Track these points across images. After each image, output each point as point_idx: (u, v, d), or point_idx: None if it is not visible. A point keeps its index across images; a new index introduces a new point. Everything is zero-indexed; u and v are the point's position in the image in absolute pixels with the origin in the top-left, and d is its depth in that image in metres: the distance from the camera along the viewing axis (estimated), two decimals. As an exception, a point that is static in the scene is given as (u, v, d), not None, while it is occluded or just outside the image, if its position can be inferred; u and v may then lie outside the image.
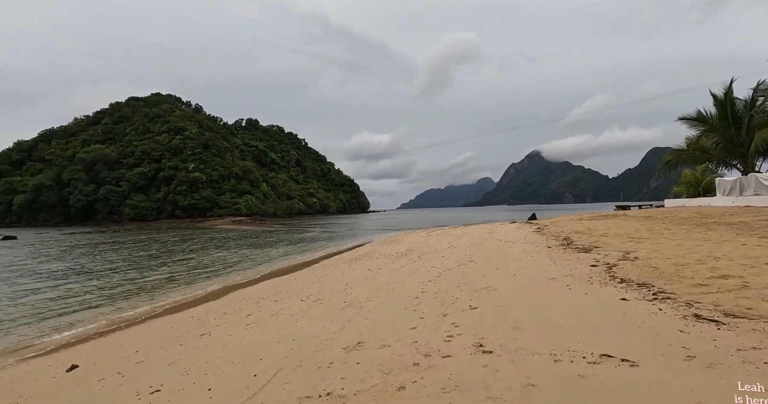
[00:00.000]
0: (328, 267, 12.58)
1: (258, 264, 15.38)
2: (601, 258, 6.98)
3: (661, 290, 4.36)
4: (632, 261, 6.21)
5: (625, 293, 4.46)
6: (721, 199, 17.60)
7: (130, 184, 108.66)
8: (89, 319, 8.18)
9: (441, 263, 9.76)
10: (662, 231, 9.76)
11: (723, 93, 21.00)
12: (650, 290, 4.40)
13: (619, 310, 3.91)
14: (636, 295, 4.29)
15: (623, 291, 4.53)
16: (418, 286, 7.04)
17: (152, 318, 7.49)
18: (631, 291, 4.47)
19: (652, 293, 4.25)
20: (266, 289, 9.21)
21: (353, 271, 10.84)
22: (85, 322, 7.94)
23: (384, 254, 14.41)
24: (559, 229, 14.64)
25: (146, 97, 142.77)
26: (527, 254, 9.21)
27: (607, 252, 7.59)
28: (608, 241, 9.34)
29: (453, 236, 19.00)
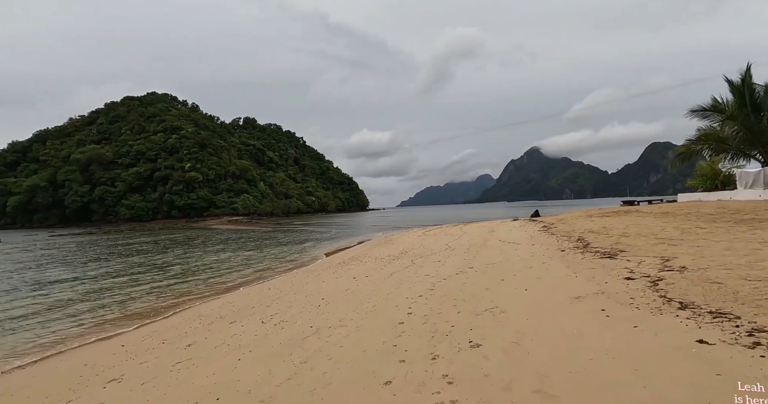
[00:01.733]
0: (311, 274, 11.19)
1: (235, 270, 13.97)
2: (635, 267, 5.56)
3: (753, 323, 2.94)
4: (680, 273, 4.79)
5: (697, 328, 3.04)
6: (744, 192, 16.16)
7: (125, 184, 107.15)
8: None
9: (436, 270, 8.35)
10: (695, 230, 8.33)
11: (740, 79, 19.51)
12: (737, 323, 2.98)
13: (706, 364, 2.50)
14: (719, 334, 2.87)
15: (694, 325, 3.11)
16: (406, 303, 5.63)
17: (62, 352, 5.80)
18: (708, 325, 3.05)
19: (745, 330, 2.83)
20: (230, 304, 7.81)
21: (336, 279, 9.44)
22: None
23: (375, 258, 13.01)
24: (568, 227, 13.22)
25: (142, 96, 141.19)
26: (537, 259, 7.80)
27: (639, 259, 6.17)
28: (633, 243, 7.92)
29: (451, 235, 17.59)
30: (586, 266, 6.35)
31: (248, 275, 12.50)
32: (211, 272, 13.71)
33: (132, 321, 7.28)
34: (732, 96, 20.05)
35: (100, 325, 6.89)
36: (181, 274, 13.34)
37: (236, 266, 15.22)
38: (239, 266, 15.20)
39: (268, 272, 13.08)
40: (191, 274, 13.27)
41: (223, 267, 14.79)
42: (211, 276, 12.73)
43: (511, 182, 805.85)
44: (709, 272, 4.64)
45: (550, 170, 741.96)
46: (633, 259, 6.21)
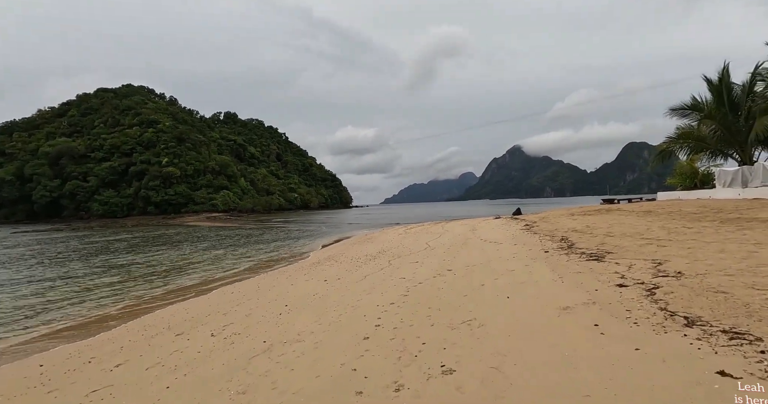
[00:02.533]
0: (281, 275, 10.45)
1: (203, 270, 13.07)
2: (625, 272, 5.08)
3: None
4: (677, 279, 4.31)
5: (713, 353, 2.51)
6: (723, 191, 16.17)
7: (98, 179, 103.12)
8: None
9: (413, 272, 7.76)
10: (682, 230, 7.98)
11: (718, 78, 19.60)
12: (761, 347, 2.47)
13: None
14: (742, 362, 2.35)
15: (708, 349, 2.58)
16: (376, 312, 5.02)
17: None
18: (725, 350, 2.53)
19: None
20: (186, 311, 7.04)
21: (306, 282, 8.76)
22: None
23: (351, 258, 12.37)
24: (551, 226, 12.86)
25: (116, 88, 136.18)
26: (520, 261, 7.29)
27: (629, 261, 5.70)
28: (619, 243, 7.50)
29: (432, 234, 17.09)
30: (572, 269, 5.86)
31: (214, 277, 11.65)
32: (175, 273, 12.79)
33: (69, 334, 6.43)
34: (711, 95, 20.16)
35: (26, 342, 6.01)
36: (144, 276, 12.39)
37: (204, 266, 14.31)
38: (207, 266, 14.31)
39: (237, 273, 12.25)
40: (154, 276, 12.32)
41: (190, 268, 13.86)
42: (174, 278, 11.82)
43: (493, 180, 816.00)
44: (710, 278, 4.17)
45: (532, 168, 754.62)
46: (622, 262, 5.75)
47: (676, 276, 4.43)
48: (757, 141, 18.00)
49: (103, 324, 6.86)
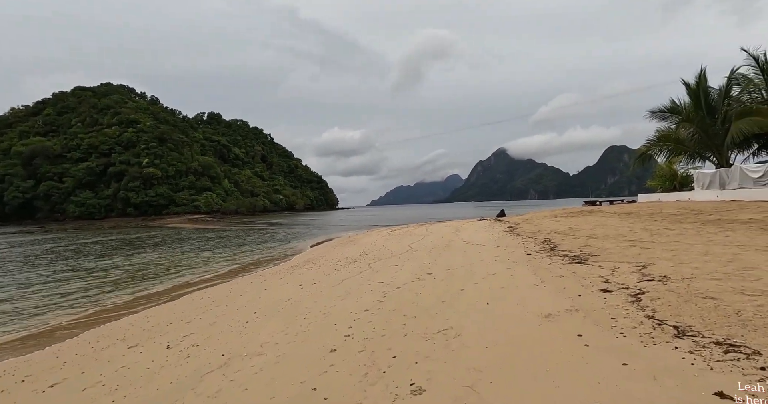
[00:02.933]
0: (256, 279, 9.99)
1: (176, 275, 12.48)
2: (609, 276, 4.85)
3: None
4: (663, 283, 4.09)
5: (708, 369, 2.25)
6: (702, 193, 16.36)
7: (74, 180, 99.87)
8: None
9: (392, 276, 7.44)
10: (665, 232, 7.87)
11: (695, 82, 19.94)
12: (759, 363, 2.22)
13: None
14: (741, 379, 2.09)
15: (702, 364, 2.33)
16: (347, 320, 4.68)
17: None
18: (721, 365, 2.27)
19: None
20: (146, 319, 6.55)
21: (281, 286, 8.35)
22: None
23: (331, 260, 11.98)
24: (534, 228, 12.72)
25: (95, 87, 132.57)
26: (502, 264, 7.05)
27: (612, 264, 5.50)
28: (602, 246, 7.33)
29: (415, 236, 16.82)
30: (554, 272, 5.62)
31: (188, 282, 11.09)
32: (147, 278, 12.17)
33: (14, 346, 5.87)
34: (689, 99, 20.50)
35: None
36: (113, 282, 11.73)
37: (180, 270, 13.71)
38: (183, 270, 13.70)
39: (212, 277, 11.71)
40: (125, 281, 11.68)
41: (164, 272, 13.24)
42: (146, 284, 11.22)
43: (479, 182, 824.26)
44: (697, 283, 3.96)
45: (516, 171, 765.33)
46: (606, 265, 5.54)
47: (662, 280, 4.21)
48: (733, 144, 18.34)
49: (54, 335, 6.32)
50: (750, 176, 14.11)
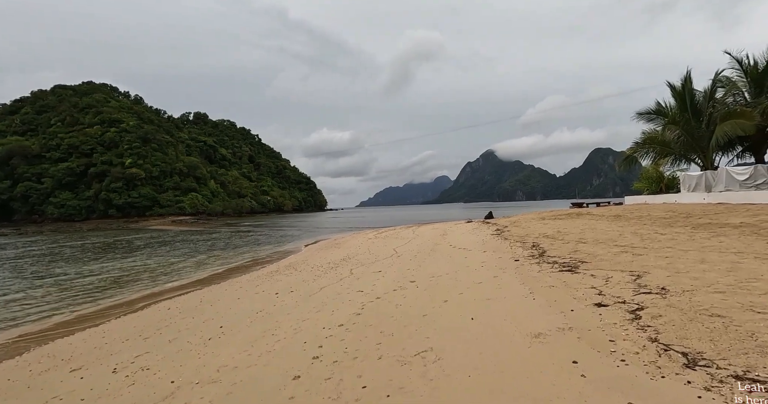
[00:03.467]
0: (231, 287, 9.45)
1: (150, 281, 11.81)
2: (603, 286, 4.50)
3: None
4: (662, 297, 3.74)
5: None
6: (688, 195, 16.33)
7: (54, 180, 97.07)
8: None
9: (373, 285, 7.01)
10: (656, 237, 7.60)
11: (681, 84, 20.01)
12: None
13: None
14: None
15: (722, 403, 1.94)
16: (319, 338, 4.23)
17: None
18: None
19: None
20: (101, 335, 5.98)
21: (255, 295, 7.84)
22: None
23: (313, 265, 11.50)
24: (522, 231, 12.43)
25: (76, 85, 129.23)
26: (489, 271, 6.67)
27: (605, 273, 5.16)
28: (593, 251, 7.01)
29: (402, 239, 16.42)
30: (544, 282, 5.26)
31: (161, 289, 10.47)
32: (118, 286, 11.49)
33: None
34: (674, 101, 20.57)
35: None
36: (80, 290, 11.03)
37: (155, 276, 13.04)
38: (158, 276, 13.05)
39: (186, 285, 11.11)
40: (90, 290, 10.99)
41: (138, 279, 12.57)
42: (115, 292, 10.56)
43: (467, 183, 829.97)
44: (699, 296, 3.62)
45: (504, 172, 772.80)
46: (598, 274, 5.19)
47: (660, 293, 3.87)
48: (717, 146, 18.40)
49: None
50: (736, 178, 14.08)
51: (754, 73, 18.95)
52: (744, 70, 19.16)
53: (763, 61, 18.67)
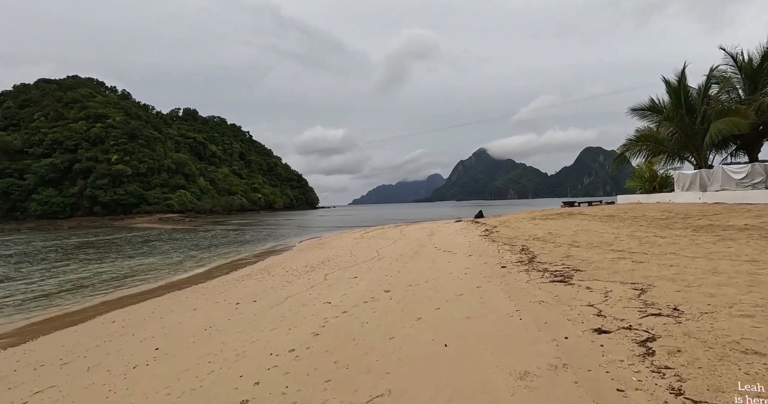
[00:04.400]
0: (192, 294, 8.61)
1: (111, 288, 10.89)
2: (602, 304, 3.78)
3: None
4: (676, 321, 3.03)
5: None
6: (683, 195, 15.80)
7: (37, 177, 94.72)
8: None
9: (344, 294, 6.26)
10: (655, 240, 6.94)
11: (676, 80, 19.50)
12: None
13: None
14: None
15: None
16: (260, 369, 3.47)
17: None
18: None
19: None
20: (13, 358, 5.14)
21: (215, 304, 7.04)
22: None
23: (288, 269, 10.72)
24: (511, 232, 11.75)
25: (60, 79, 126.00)
26: (472, 279, 5.95)
27: (603, 285, 4.45)
28: (587, 257, 6.32)
29: (387, 239, 15.69)
30: (532, 295, 4.54)
31: (115, 297, 9.55)
32: (73, 292, 10.58)
33: None
34: (669, 97, 20.07)
35: None
36: (31, 297, 10.10)
37: (116, 281, 12.10)
38: (120, 281, 12.13)
39: (147, 291, 10.22)
40: (41, 297, 10.04)
41: (97, 284, 11.63)
42: (64, 300, 9.61)
43: (459, 181, 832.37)
44: (722, 321, 2.92)
45: (496, 170, 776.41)
46: (595, 285, 4.49)
47: (673, 316, 3.16)
48: (711, 144, 17.94)
49: None
50: (732, 177, 13.56)
51: (749, 69, 18.51)
52: (738, 66, 18.71)
53: (758, 58, 18.25)
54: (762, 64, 18.02)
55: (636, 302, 3.68)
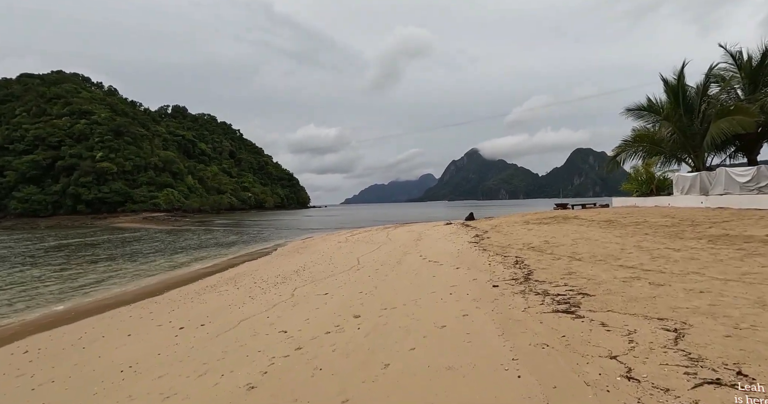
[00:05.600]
0: (136, 311, 7.50)
1: (51, 300, 9.72)
2: (629, 356, 2.80)
3: None
4: (747, 394, 2.05)
5: None
6: (683, 198, 15.02)
7: (17, 174, 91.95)
8: None
9: (305, 318, 5.24)
10: (667, 253, 6.01)
11: (675, 78, 18.77)
12: None
13: None
14: None
15: None
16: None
17: None
18: None
19: None
20: None
21: (156, 328, 5.96)
22: None
23: (258, 279, 9.65)
24: (503, 239, 10.80)
25: (44, 74, 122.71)
26: (458, 302, 4.95)
27: (622, 320, 3.48)
28: (593, 274, 5.37)
29: (372, 244, 14.67)
30: (532, 332, 3.56)
31: (40, 315, 8.34)
32: (7, 305, 9.40)
33: None
34: (666, 97, 19.35)
35: None
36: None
37: (65, 290, 10.91)
38: (67, 289, 10.95)
39: (88, 304, 9.06)
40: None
41: (42, 294, 10.42)
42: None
43: (452, 181, 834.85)
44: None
45: (488, 171, 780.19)
46: (612, 322, 3.51)
47: (739, 387, 2.18)
48: (712, 145, 17.21)
49: None
50: (737, 180, 12.78)
51: (748, 68, 17.86)
52: (738, 65, 18.04)
53: (758, 56, 17.60)
54: (762, 63, 17.37)
55: (675, 354, 2.70)
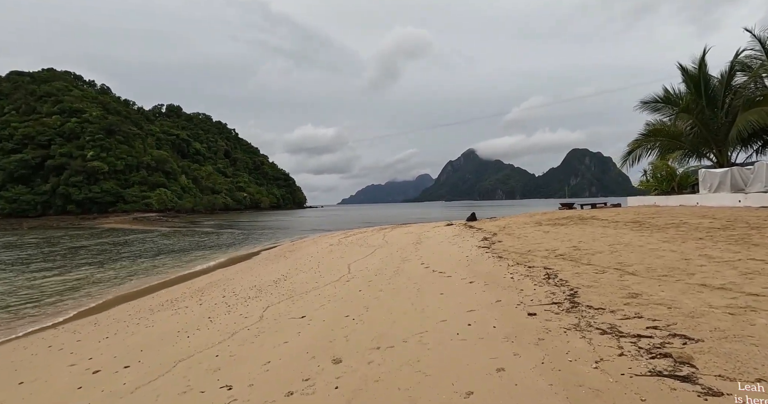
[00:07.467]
0: (67, 335, 5.95)
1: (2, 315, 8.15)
2: None
3: None
4: None
5: None
6: (713, 197, 13.53)
7: (5, 173, 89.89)
8: None
9: (266, 361, 3.67)
10: (756, 266, 4.47)
11: (695, 67, 17.31)
12: None
13: None
14: None
15: None
16: None
17: None
18: None
19: None
20: None
21: (69, 368, 4.40)
22: None
23: (229, 292, 8.09)
24: (518, 243, 9.26)
25: (35, 72, 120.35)
26: (484, 344, 3.40)
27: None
28: (670, 298, 3.83)
29: (367, 247, 13.12)
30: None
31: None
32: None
33: None
34: (686, 87, 17.90)
35: None
36: None
37: (17, 305, 9.34)
38: (22, 304, 9.37)
39: (30, 328, 7.51)
40: None
41: None
42: None
43: (448, 182, 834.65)
44: None
45: (485, 171, 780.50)
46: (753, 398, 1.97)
47: None
48: (738, 139, 15.77)
49: None
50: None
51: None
52: (766, 51, 16.61)
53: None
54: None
55: None
